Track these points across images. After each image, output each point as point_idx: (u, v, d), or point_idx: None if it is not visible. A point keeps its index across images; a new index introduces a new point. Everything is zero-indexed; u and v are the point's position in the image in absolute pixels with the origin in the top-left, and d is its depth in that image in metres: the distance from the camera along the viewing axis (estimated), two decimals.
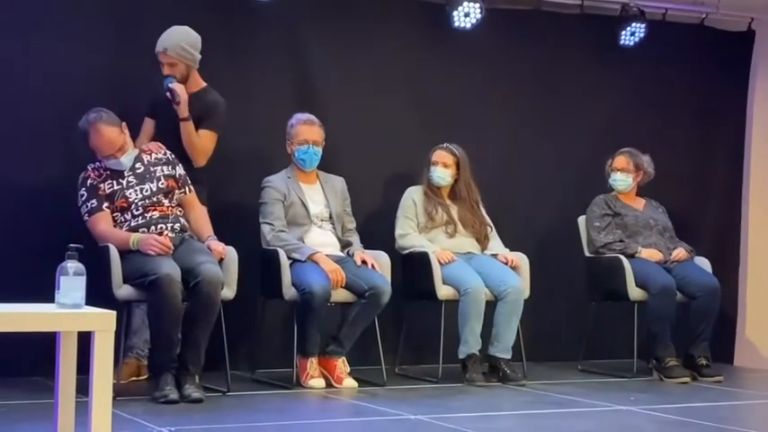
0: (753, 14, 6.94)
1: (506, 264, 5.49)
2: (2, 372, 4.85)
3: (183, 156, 5.01)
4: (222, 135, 5.13)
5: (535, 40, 6.49)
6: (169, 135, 5.02)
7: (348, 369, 5.14)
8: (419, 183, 5.70)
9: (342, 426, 4.24)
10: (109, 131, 4.66)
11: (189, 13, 5.31)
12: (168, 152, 4.88)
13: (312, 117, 5.32)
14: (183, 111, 4.97)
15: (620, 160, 6.03)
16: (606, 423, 4.22)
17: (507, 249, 5.63)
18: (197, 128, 5.03)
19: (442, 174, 5.63)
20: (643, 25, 6.53)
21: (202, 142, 5.07)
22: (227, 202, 5.39)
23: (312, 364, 5.04)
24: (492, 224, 5.74)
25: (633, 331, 5.70)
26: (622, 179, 6.01)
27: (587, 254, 6.00)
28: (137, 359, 5.05)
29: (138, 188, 4.72)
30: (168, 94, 4.96)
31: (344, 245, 5.35)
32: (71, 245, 3.12)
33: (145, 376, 4.95)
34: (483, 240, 5.66)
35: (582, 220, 6.05)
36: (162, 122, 5.13)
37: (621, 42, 6.57)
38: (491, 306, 5.33)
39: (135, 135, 4.98)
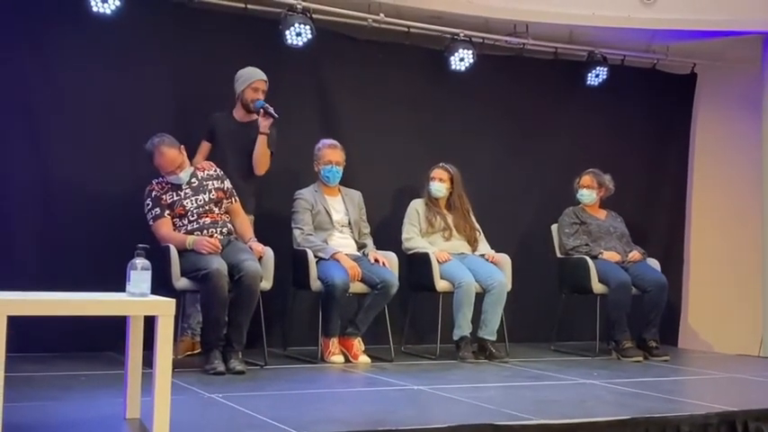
0: (695, 60, 6.94)
1: (492, 262, 5.49)
2: (82, 347, 4.85)
3: (238, 171, 5.02)
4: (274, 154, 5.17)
5: (517, 80, 6.49)
6: (228, 155, 5.04)
7: (363, 347, 5.13)
8: (421, 196, 5.69)
9: (358, 394, 4.22)
10: (170, 152, 4.67)
11: (233, 57, 5.32)
12: (218, 169, 4.88)
13: (335, 142, 5.32)
14: (267, 126, 4.99)
15: (586, 179, 6.01)
16: (574, 393, 4.19)
17: (493, 251, 5.61)
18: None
19: (439, 187, 5.62)
20: (605, 69, 6.53)
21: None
22: (265, 211, 5.39)
23: (333, 343, 5.03)
24: (480, 229, 5.73)
25: (596, 318, 5.69)
26: (588, 194, 6.00)
27: (559, 255, 5.98)
28: (191, 337, 5.04)
29: (193, 198, 4.72)
30: (262, 110, 4.97)
31: (360, 246, 5.34)
32: (139, 245, 3.13)
33: (197, 351, 4.95)
34: (473, 243, 5.65)
35: (554, 227, 6.03)
36: (221, 146, 5.11)
37: (588, 83, 6.57)
38: (480, 297, 5.31)
39: (190, 154, 4.98)
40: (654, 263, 5.90)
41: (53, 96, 5.07)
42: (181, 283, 4.51)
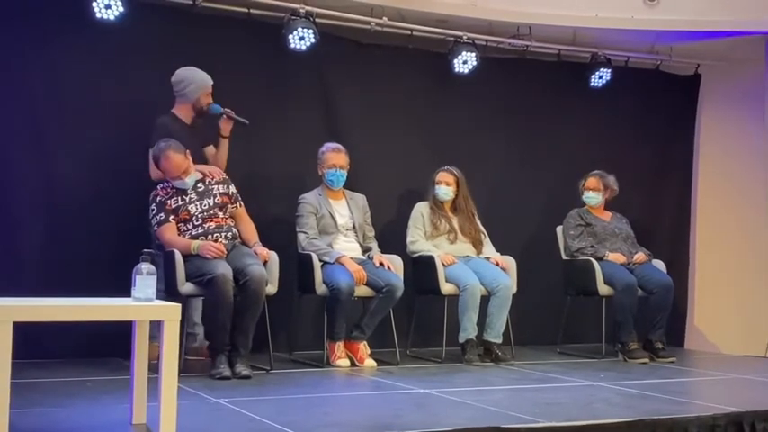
0: (699, 61, 6.93)
1: (497, 265, 5.48)
2: (88, 353, 4.86)
3: None
4: None
5: (520, 82, 6.49)
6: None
7: (369, 351, 5.12)
8: (426, 199, 5.68)
9: (363, 398, 4.22)
10: (176, 157, 4.67)
11: (236, 62, 5.32)
12: (224, 175, 4.88)
13: (339, 146, 5.32)
14: (229, 130, 5.01)
15: (592, 181, 6.01)
16: (580, 396, 4.18)
17: (498, 253, 5.60)
18: (213, 144, 5.11)
19: (446, 191, 5.62)
20: (609, 70, 6.53)
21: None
22: (270, 215, 5.40)
23: (339, 347, 5.03)
24: (485, 232, 5.73)
25: (602, 320, 5.67)
26: (594, 196, 5.99)
27: (564, 257, 5.97)
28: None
29: (198, 203, 4.72)
30: (225, 116, 4.99)
31: (365, 250, 5.34)
32: (144, 250, 3.14)
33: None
34: (478, 245, 5.64)
35: (559, 229, 6.03)
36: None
37: (591, 84, 6.56)
38: (485, 299, 5.31)
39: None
40: (659, 264, 5.89)
41: (57, 102, 5.08)
42: (186, 287, 4.50)
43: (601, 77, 6.53)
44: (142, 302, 3.04)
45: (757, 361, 6.02)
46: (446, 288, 5.31)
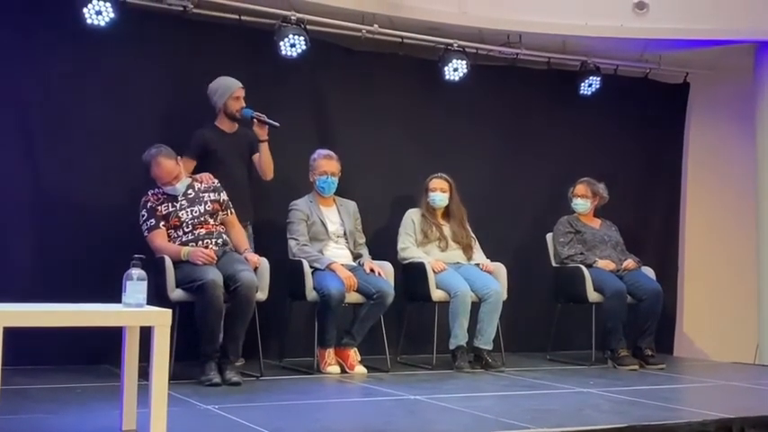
0: (688, 69, 6.97)
1: (487, 271, 5.48)
2: (77, 360, 4.84)
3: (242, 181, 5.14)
4: None
5: (510, 90, 6.51)
6: (231, 168, 5.07)
7: (359, 358, 5.12)
8: (417, 205, 5.69)
9: (354, 405, 4.21)
10: (167, 163, 4.67)
11: (227, 68, 5.32)
12: (216, 181, 4.88)
13: (331, 152, 5.33)
14: (266, 133, 5.10)
15: (580, 188, 6.02)
16: (570, 402, 4.19)
17: (488, 260, 5.61)
18: (255, 151, 5.19)
19: (442, 197, 5.62)
20: (598, 78, 6.55)
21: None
22: (261, 221, 5.38)
23: (329, 353, 5.02)
24: (475, 237, 5.73)
25: (591, 327, 5.68)
26: (582, 203, 6.01)
27: (554, 264, 5.98)
28: None
29: (188, 210, 4.71)
30: (256, 120, 5.07)
31: (356, 256, 5.34)
32: (135, 256, 3.13)
33: None
34: (468, 250, 5.64)
35: (549, 236, 6.04)
36: (220, 160, 5.06)
37: (581, 92, 6.58)
38: (476, 306, 5.31)
39: None
40: (649, 271, 5.90)
41: (46, 106, 5.06)
42: (176, 294, 4.49)
43: (590, 85, 6.56)
44: (133, 308, 3.03)
45: (746, 368, 6.03)
46: (437, 295, 5.31)
